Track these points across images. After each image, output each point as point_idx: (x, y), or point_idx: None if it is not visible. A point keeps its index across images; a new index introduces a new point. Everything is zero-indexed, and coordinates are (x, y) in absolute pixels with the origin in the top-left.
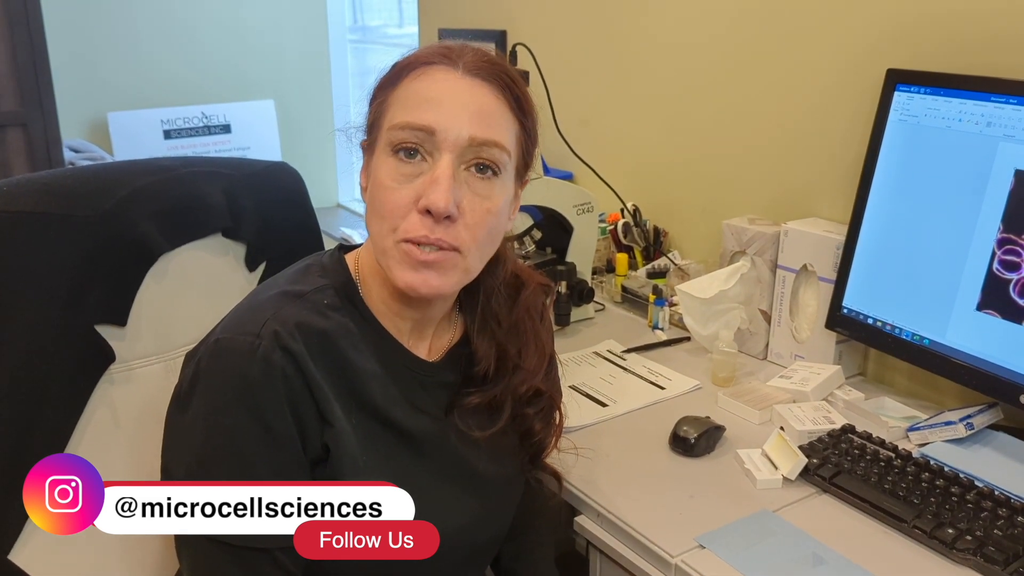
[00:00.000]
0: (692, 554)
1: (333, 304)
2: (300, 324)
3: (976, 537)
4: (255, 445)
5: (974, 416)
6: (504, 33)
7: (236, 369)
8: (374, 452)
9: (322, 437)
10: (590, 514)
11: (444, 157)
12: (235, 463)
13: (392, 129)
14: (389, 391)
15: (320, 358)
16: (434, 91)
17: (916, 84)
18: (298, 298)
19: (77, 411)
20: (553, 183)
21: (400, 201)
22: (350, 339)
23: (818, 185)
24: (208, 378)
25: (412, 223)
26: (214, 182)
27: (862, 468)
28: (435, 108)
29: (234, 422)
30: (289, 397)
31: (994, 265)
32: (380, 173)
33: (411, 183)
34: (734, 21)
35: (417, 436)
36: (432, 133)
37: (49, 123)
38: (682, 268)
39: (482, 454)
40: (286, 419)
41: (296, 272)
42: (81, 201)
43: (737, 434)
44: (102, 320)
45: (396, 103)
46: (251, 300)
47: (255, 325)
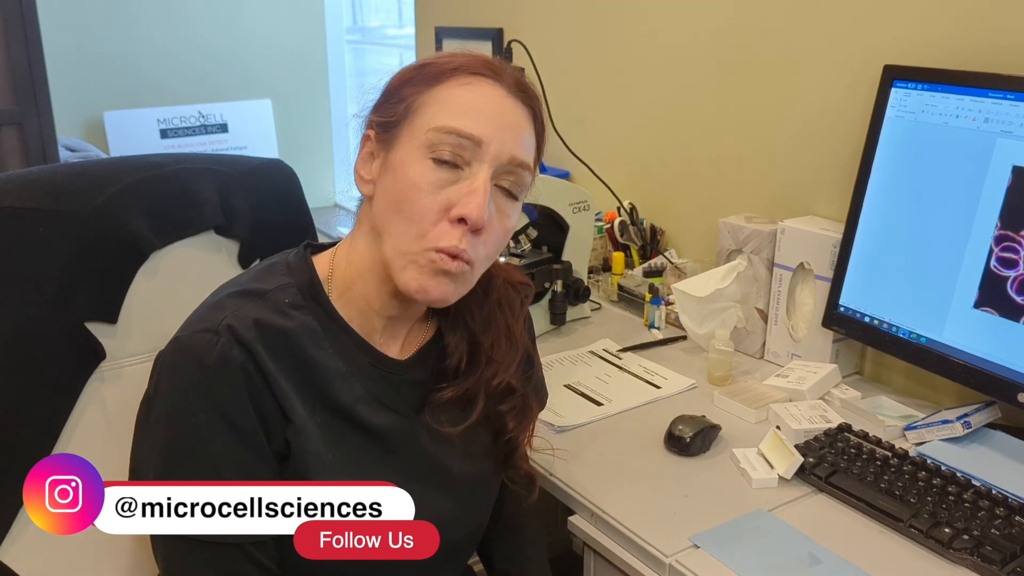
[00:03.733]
0: (686, 554)
1: (295, 303)
2: (258, 321)
3: (973, 536)
4: (220, 441)
5: (971, 415)
6: (500, 31)
7: (196, 366)
8: (340, 450)
9: (284, 433)
10: (584, 513)
11: (484, 169)
12: (201, 460)
13: (435, 131)
14: (354, 389)
15: (279, 355)
16: (482, 103)
17: (913, 80)
18: (259, 296)
19: (67, 409)
20: (549, 181)
21: (433, 207)
22: (313, 337)
23: (815, 183)
24: (169, 377)
25: (443, 231)
26: (207, 179)
27: (858, 467)
28: (484, 120)
29: (197, 420)
30: (250, 392)
31: (992, 262)
32: (411, 173)
33: (444, 190)
34: (730, 18)
35: (385, 434)
36: (479, 144)
37: (44, 122)
38: (678, 267)
39: (454, 453)
40: (249, 414)
41: (260, 271)
42: (71, 197)
43: (733, 433)
44: (92, 317)
45: (437, 105)
46: (212, 298)
47: (213, 322)
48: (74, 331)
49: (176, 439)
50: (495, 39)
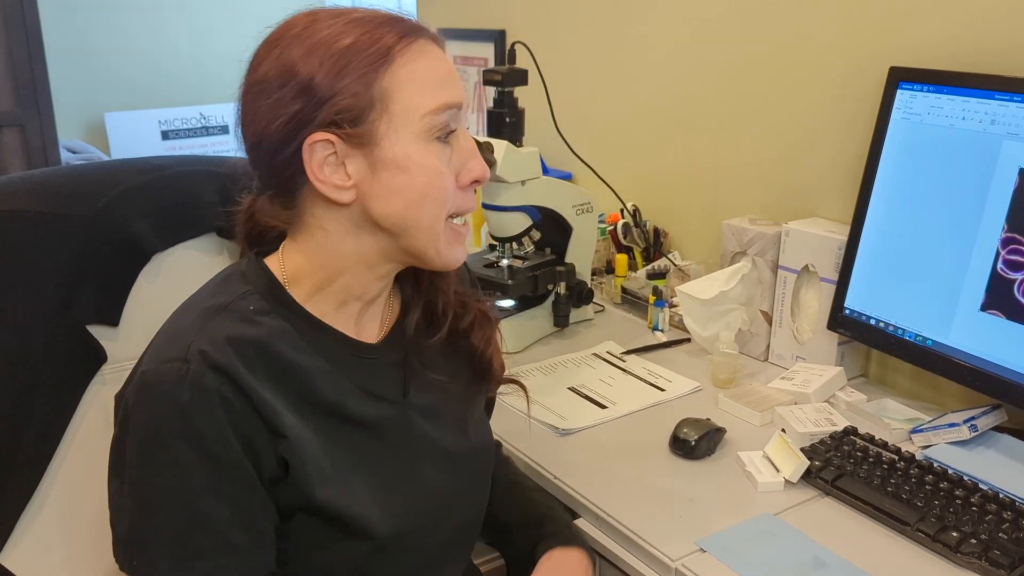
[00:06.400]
0: (693, 558)
1: (261, 308)
2: (230, 338)
3: (981, 541)
4: (202, 479)
5: (978, 418)
6: (503, 32)
7: (167, 401)
8: (338, 451)
9: (276, 452)
10: (589, 517)
11: (463, 128)
12: (181, 502)
13: (430, 115)
14: (340, 384)
15: (259, 368)
16: (444, 67)
17: (919, 82)
18: (221, 310)
19: (68, 412)
20: (552, 183)
21: (452, 183)
22: (288, 340)
23: (820, 185)
24: (138, 416)
25: (462, 200)
26: (208, 181)
27: (865, 470)
28: (453, 82)
29: (175, 458)
30: (231, 419)
31: (998, 265)
32: (430, 161)
33: (451, 161)
34: (735, 19)
35: (378, 423)
36: (460, 108)
37: (46, 124)
38: (682, 269)
39: (448, 429)
40: (231, 444)
41: (215, 285)
42: (73, 200)
43: (738, 436)
44: (94, 320)
45: (409, 86)
46: (172, 324)
47: (180, 349)
48: (76, 334)
49: (151, 482)
50: (498, 40)
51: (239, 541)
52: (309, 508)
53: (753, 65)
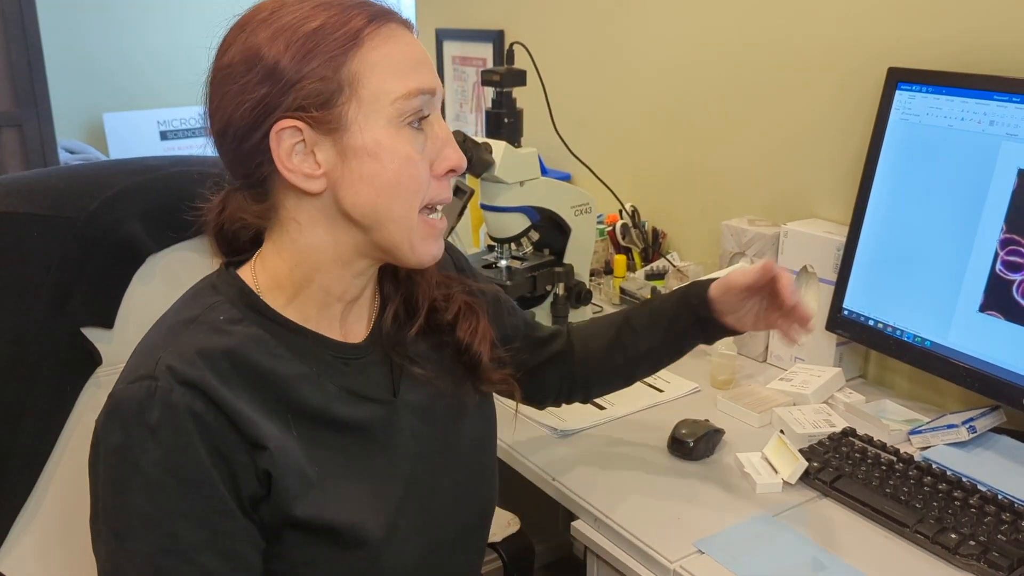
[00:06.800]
0: (691, 559)
1: (232, 317)
2: (201, 350)
3: (979, 542)
4: (174, 502)
5: (976, 419)
6: (502, 33)
7: (134, 421)
8: (325, 458)
9: (257, 466)
10: (587, 518)
11: (437, 115)
12: (155, 525)
13: (401, 99)
14: (324, 388)
15: (233, 379)
16: (415, 51)
17: (918, 83)
18: (191, 323)
19: (63, 415)
20: (551, 184)
21: (425, 172)
22: (264, 347)
23: (818, 185)
24: (107, 439)
25: (437, 190)
26: (203, 181)
27: (863, 472)
28: (425, 67)
29: (145, 481)
30: (203, 437)
31: (997, 266)
32: (402, 148)
33: (425, 150)
34: (734, 19)
35: (367, 425)
36: (433, 94)
37: (44, 124)
38: (681, 270)
39: (442, 425)
40: (201, 462)
41: (185, 299)
42: (66, 201)
43: (736, 437)
44: (88, 322)
45: (379, 70)
46: (143, 342)
47: (148, 367)
48: (70, 336)
49: (123, 507)
50: (496, 40)
51: (214, 567)
52: (296, 523)
53: (752, 66)
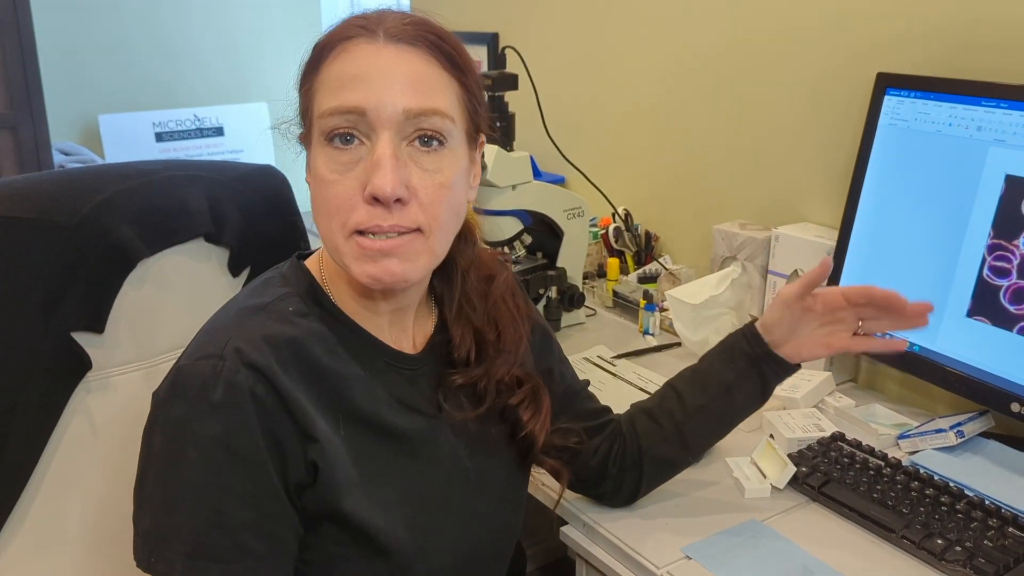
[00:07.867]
0: (678, 565)
1: (300, 311)
2: (267, 337)
3: (966, 548)
4: (226, 478)
5: (965, 424)
6: (496, 36)
7: (198, 396)
8: (368, 461)
9: (306, 456)
10: (576, 524)
11: (382, 137)
12: (202, 499)
13: (322, 117)
14: (375, 392)
15: (293, 369)
16: (357, 68)
17: (906, 88)
18: (260, 310)
19: (52, 420)
20: (544, 187)
21: (344, 193)
22: (324, 344)
23: (809, 190)
24: (168, 411)
25: (362, 214)
26: (196, 186)
27: (851, 477)
28: (362, 86)
29: (201, 454)
30: (261, 419)
31: (984, 271)
32: (318, 166)
33: (352, 171)
34: (725, 25)
35: (411, 436)
36: (363, 114)
37: (39, 126)
38: (673, 273)
39: (480, 449)
40: (257, 444)
41: (255, 286)
42: (57, 205)
43: (725, 442)
44: (79, 327)
45: (322, 88)
46: (212, 322)
47: (216, 346)
48: (60, 341)
49: (175, 478)
50: (490, 44)
51: (256, 547)
52: (336, 517)
53: (743, 71)
